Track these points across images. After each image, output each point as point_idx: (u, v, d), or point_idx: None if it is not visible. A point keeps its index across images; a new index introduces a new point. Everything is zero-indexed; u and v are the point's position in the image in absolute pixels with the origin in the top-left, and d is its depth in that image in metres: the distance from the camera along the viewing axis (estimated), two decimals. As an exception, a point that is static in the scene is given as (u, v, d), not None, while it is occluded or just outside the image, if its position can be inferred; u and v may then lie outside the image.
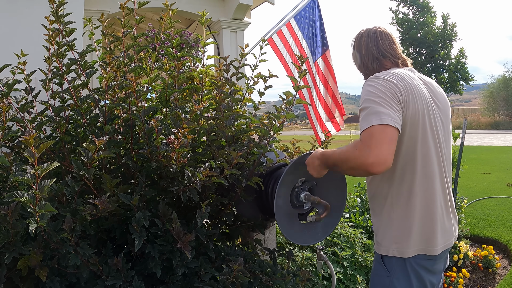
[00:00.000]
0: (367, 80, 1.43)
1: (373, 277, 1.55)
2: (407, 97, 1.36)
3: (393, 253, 1.43)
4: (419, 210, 1.42)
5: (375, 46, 1.58)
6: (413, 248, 1.42)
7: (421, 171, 1.41)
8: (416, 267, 1.42)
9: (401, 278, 1.42)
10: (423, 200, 1.42)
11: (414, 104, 1.37)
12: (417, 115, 1.38)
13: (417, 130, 1.39)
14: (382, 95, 1.32)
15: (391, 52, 1.57)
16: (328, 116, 4.42)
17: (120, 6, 1.68)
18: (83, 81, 1.64)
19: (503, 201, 6.18)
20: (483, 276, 3.62)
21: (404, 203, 1.42)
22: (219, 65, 1.99)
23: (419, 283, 1.43)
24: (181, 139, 1.36)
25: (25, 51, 1.75)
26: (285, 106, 1.71)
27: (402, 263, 1.42)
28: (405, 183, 1.42)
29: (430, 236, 1.43)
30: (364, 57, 1.60)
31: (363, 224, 3.90)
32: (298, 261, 2.84)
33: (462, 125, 4.07)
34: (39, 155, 1.02)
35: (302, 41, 4.27)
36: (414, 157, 1.40)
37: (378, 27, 1.63)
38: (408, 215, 1.42)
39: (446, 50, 5.77)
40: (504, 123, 30.85)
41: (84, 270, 1.29)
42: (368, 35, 1.60)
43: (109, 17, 3.33)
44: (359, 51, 1.63)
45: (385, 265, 1.46)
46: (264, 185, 1.69)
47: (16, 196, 1.04)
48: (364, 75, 1.65)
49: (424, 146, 1.41)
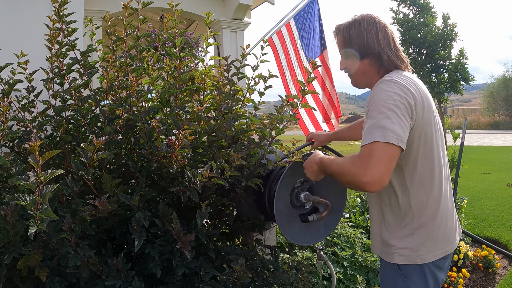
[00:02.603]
0: (380, 82, 1.32)
1: (385, 281, 1.48)
2: (422, 106, 1.30)
3: (415, 261, 1.37)
4: (440, 216, 1.39)
5: (390, 39, 1.41)
6: (435, 253, 1.39)
7: (438, 178, 1.39)
8: (433, 268, 1.40)
9: (418, 281, 1.38)
10: (442, 206, 1.40)
11: (429, 113, 1.33)
12: (431, 124, 1.34)
13: (432, 139, 1.35)
14: (393, 107, 1.22)
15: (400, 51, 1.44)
16: (324, 117, 4.43)
17: (123, 6, 1.68)
18: (84, 81, 1.64)
19: (503, 201, 6.18)
20: (483, 276, 3.62)
21: (426, 212, 1.38)
22: (219, 65, 1.99)
23: (434, 283, 1.41)
24: (182, 140, 1.36)
25: (25, 51, 1.75)
26: (289, 110, 1.70)
27: (419, 267, 1.38)
28: (425, 192, 1.37)
29: (449, 238, 1.43)
30: (382, 47, 1.39)
31: (363, 224, 3.90)
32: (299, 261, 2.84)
33: (462, 125, 4.07)
34: (43, 162, 1.02)
35: (298, 41, 4.27)
36: (432, 165, 1.36)
37: (377, 17, 1.44)
38: (431, 223, 1.38)
39: (446, 50, 5.76)
40: (504, 123, 30.84)
41: (84, 270, 1.29)
42: (378, 24, 1.41)
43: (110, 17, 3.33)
44: (365, 40, 1.40)
45: (401, 270, 1.40)
46: (264, 186, 1.69)
47: (17, 199, 1.04)
48: (360, 75, 1.47)
49: (438, 153, 1.39)
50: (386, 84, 1.29)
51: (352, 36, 1.42)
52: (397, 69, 1.41)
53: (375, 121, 1.22)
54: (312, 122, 4.34)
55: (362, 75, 1.47)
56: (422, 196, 1.37)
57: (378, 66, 1.42)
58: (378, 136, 1.19)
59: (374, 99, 1.28)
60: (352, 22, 1.44)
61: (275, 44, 4.11)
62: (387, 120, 1.21)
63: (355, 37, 1.42)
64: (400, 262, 1.39)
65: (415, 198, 1.37)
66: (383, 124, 1.20)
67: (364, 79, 1.47)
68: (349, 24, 1.44)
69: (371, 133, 1.21)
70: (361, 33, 1.41)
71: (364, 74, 1.46)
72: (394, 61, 1.40)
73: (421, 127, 1.31)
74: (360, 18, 1.43)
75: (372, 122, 1.23)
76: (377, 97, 1.27)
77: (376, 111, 1.24)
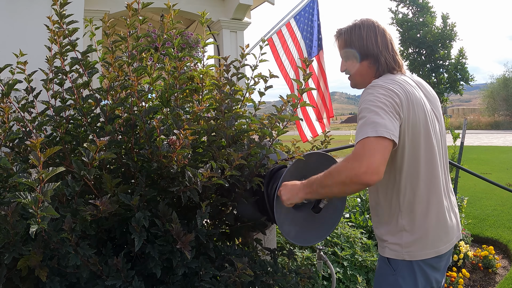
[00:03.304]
0: (366, 88, 1.39)
1: (377, 275, 1.54)
2: (408, 106, 1.34)
3: (403, 257, 1.42)
4: (431, 214, 1.42)
5: (389, 43, 1.47)
6: (426, 251, 1.42)
7: (426, 177, 1.41)
8: (423, 266, 1.42)
9: (406, 277, 1.42)
10: (433, 205, 1.43)
11: (414, 113, 1.36)
12: (418, 123, 1.37)
13: (419, 138, 1.38)
14: (381, 105, 1.28)
15: (397, 54, 1.50)
16: (317, 116, 4.46)
17: (126, 6, 1.68)
18: (84, 80, 1.64)
19: (503, 201, 6.18)
20: (483, 276, 3.62)
21: (415, 210, 1.41)
22: (219, 65, 1.99)
23: (425, 281, 1.43)
24: (183, 140, 1.36)
25: (25, 51, 1.75)
26: (290, 109, 1.71)
27: (409, 263, 1.42)
28: (412, 190, 1.41)
29: (441, 237, 1.45)
30: (381, 50, 1.45)
31: (363, 224, 3.90)
32: (298, 261, 2.84)
33: (462, 125, 4.07)
34: (45, 159, 1.02)
35: (301, 41, 4.28)
36: (418, 164, 1.40)
37: (376, 21, 1.51)
38: (421, 221, 1.42)
39: (446, 50, 5.78)
40: (504, 123, 30.85)
41: (84, 270, 1.29)
42: (377, 28, 1.47)
43: (110, 17, 3.33)
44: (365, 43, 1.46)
45: (390, 264, 1.45)
46: (264, 186, 1.69)
47: (18, 197, 1.04)
48: (358, 76, 1.53)
49: (427, 152, 1.41)
50: (372, 89, 1.36)
51: (353, 39, 1.49)
52: (390, 73, 1.47)
53: (365, 120, 1.27)
54: (305, 120, 4.37)
55: (361, 76, 1.53)
56: (409, 194, 1.41)
57: (376, 68, 1.48)
58: (370, 132, 1.23)
59: (362, 104, 1.35)
60: (353, 26, 1.51)
61: (275, 44, 4.11)
62: (377, 116, 1.26)
63: (356, 40, 1.49)
64: (389, 256, 1.45)
65: (403, 196, 1.42)
66: (373, 120, 1.25)
67: (362, 80, 1.53)
68: (350, 28, 1.51)
69: (363, 130, 1.26)
70: (361, 36, 1.48)
71: (362, 75, 1.52)
72: (390, 64, 1.47)
73: (406, 126, 1.34)
74: (360, 23, 1.50)
75: (363, 121, 1.28)
76: (364, 99, 1.34)
77: (365, 111, 1.30)
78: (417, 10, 6.02)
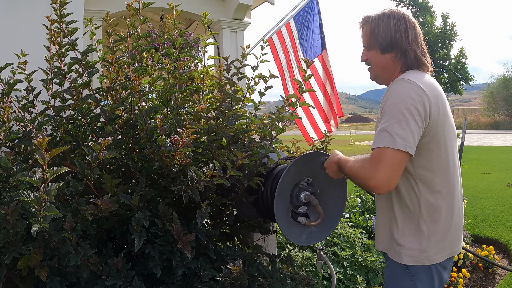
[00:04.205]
0: (397, 81, 1.33)
1: (391, 281, 1.48)
2: (437, 108, 1.32)
3: (422, 262, 1.38)
4: (450, 218, 1.41)
5: (419, 37, 1.42)
6: (442, 254, 1.40)
7: (449, 180, 1.40)
8: (439, 268, 1.41)
9: (424, 280, 1.40)
10: (456, 208, 1.42)
11: (443, 116, 1.34)
12: (444, 126, 1.36)
13: (446, 140, 1.37)
14: (405, 111, 1.25)
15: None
16: (323, 119, 4.43)
17: (127, 6, 1.68)
18: (84, 80, 1.64)
19: (503, 201, 6.18)
20: (483, 276, 3.62)
21: (439, 214, 1.39)
22: (219, 65, 1.99)
23: (439, 283, 1.43)
24: (185, 139, 1.36)
25: (25, 51, 1.75)
26: (289, 109, 1.71)
27: (427, 267, 1.39)
28: (434, 194, 1.38)
29: (457, 238, 1.45)
30: (410, 43, 1.39)
31: (363, 224, 3.90)
32: (298, 261, 2.84)
33: (462, 125, 4.07)
34: (50, 158, 1.03)
35: (297, 40, 4.28)
36: (443, 166, 1.38)
37: (407, 14, 1.43)
38: (443, 225, 1.40)
39: (446, 50, 5.78)
40: (504, 123, 30.86)
41: (84, 270, 1.29)
42: (407, 21, 1.40)
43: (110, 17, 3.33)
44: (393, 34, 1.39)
45: (409, 270, 1.41)
46: (265, 184, 1.69)
47: (21, 196, 1.05)
48: (380, 69, 1.46)
49: (449, 154, 1.40)
50: (402, 85, 1.30)
51: (380, 28, 1.41)
52: (419, 69, 1.41)
53: (386, 125, 1.26)
54: (310, 122, 4.35)
55: (382, 69, 1.46)
56: (431, 198, 1.38)
57: (401, 62, 1.41)
58: (387, 142, 1.24)
59: (388, 101, 1.30)
60: (381, 15, 1.43)
61: (275, 44, 4.11)
62: (397, 125, 1.24)
63: (383, 30, 1.41)
64: (408, 263, 1.40)
65: (424, 201, 1.38)
66: (393, 129, 1.24)
67: (384, 73, 1.47)
68: (378, 17, 1.43)
69: (381, 137, 1.26)
70: (389, 27, 1.40)
71: (384, 68, 1.45)
72: (420, 59, 1.40)
73: (434, 131, 1.32)
74: (389, 12, 1.42)
75: (383, 126, 1.27)
76: (392, 100, 1.29)
77: (389, 115, 1.27)
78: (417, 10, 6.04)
